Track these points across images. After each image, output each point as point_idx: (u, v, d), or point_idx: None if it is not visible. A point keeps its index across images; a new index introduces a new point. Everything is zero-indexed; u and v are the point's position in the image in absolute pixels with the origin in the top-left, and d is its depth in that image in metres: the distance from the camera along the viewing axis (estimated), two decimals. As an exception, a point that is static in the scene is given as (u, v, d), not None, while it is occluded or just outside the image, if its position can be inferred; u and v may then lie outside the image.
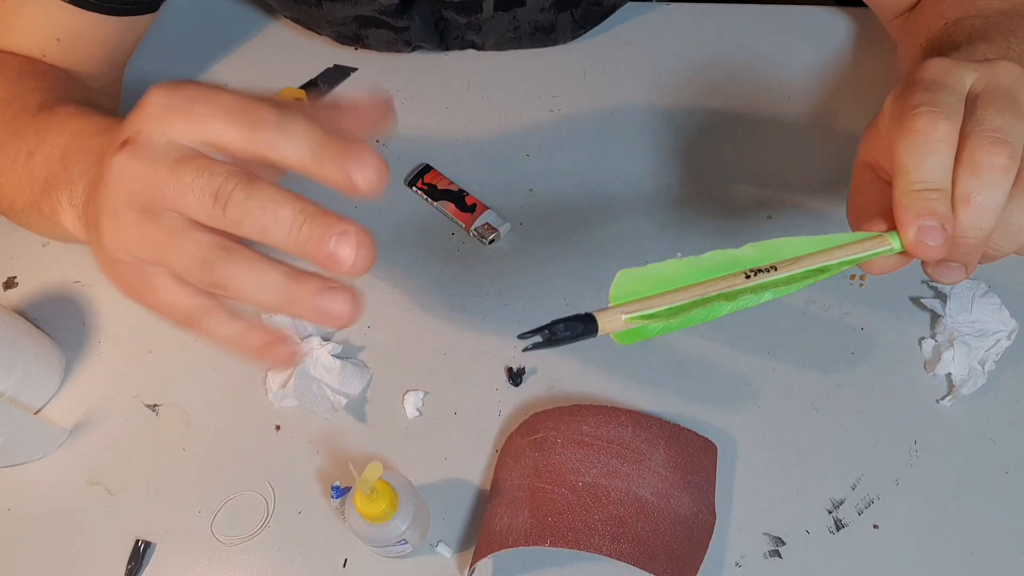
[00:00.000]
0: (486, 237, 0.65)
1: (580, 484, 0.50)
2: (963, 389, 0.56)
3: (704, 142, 0.70)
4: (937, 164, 0.35)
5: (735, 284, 0.36)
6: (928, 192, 0.35)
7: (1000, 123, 0.35)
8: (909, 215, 0.36)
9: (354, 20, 0.72)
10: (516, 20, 0.72)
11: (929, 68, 0.38)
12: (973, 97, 0.37)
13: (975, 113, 0.36)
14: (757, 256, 0.37)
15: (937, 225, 0.35)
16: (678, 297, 0.36)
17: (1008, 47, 0.51)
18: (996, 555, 0.52)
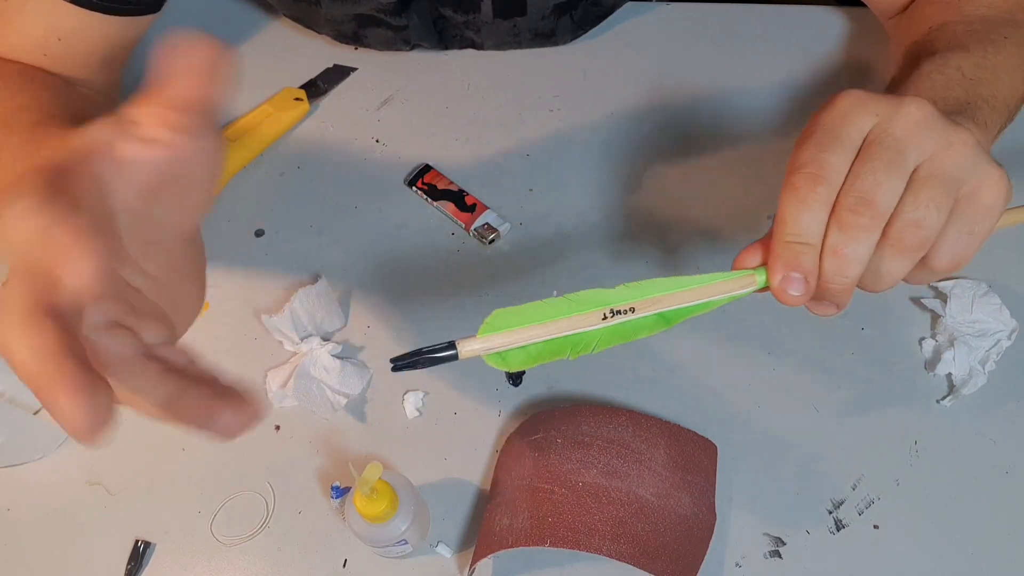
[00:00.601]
0: (486, 237, 0.65)
1: (580, 484, 0.50)
2: (963, 389, 0.56)
3: (704, 141, 0.70)
4: (809, 220, 0.38)
5: (592, 325, 0.40)
6: (798, 245, 0.38)
7: (871, 182, 0.37)
8: (778, 263, 0.39)
9: (353, 19, 0.72)
10: (516, 28, 0.72)
11: (833, 110, 0.40)
12: (865, 145, 0.39)
13: (854, 168, 0.38)
14: (624, 296, 0.40)
15: (800, 277, 0.39)
16: (532, 335, 0.39)
17: (984, 56, 0.51)
18: (996, 555, 0.52)
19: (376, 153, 0.72)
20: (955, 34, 0.55)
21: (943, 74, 0.50)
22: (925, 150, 0.38)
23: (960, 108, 0.47)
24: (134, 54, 0.70)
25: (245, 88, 0.75)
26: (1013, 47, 0.53)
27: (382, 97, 0.75)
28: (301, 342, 0.60)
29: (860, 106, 0.39)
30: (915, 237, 0.38)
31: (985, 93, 0.49)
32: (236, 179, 0.71)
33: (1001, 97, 0.50)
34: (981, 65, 0.51)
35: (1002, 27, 0.55)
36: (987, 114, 0.48)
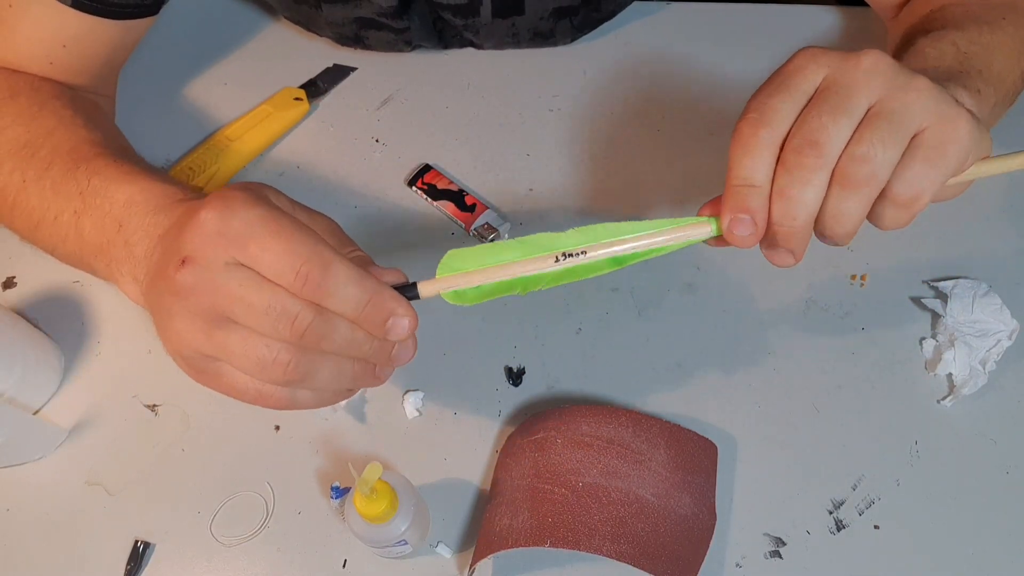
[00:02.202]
0: (486, 237, 0.65)
1: (580, 484, 0.50)
2: (964, 389, 0.56)
3: (704, 142, 0.70)
4: (752, 164, 0.39)
5: (544, 267, 0.42)
6: (744, 188, 0.39)
7: (816, 124, 0.38)
8: (726, 207, 0.40)
9: (354, 21, 0.72)
10: (515, 27, 0.72)
11: (792, 62, 0.40)
12: (816, 93, 0.39)
13: (802, 113, 0.39)
14: (576, 240, 0.42)
15: (747, 218, 0.39)
16: (487, 276, 0.42)
17: (980, 34, 0.52)
18: (996, 555, 0.52)
19: (376, 153, 0.72)
20: (952, 15, 0.55)
21: (936, 48, 0.50)
22: (876, 94, 0.38)
23: (952, 75, 0.47)
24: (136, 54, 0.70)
25: (245, 88, 0.75)
26: (1010, 27, 0.53)
27: (382, 97, 0.75)
28: (301, 342, 0.60)
29: (812, 59, 0.40)
30: (860, 172, 0.38)
31: (978, 65, 0.49)
32: (236, 179, 0.71)
33: (996, 72, 0.50)
34: (976, 41, 0.51)
35: (1000, 9, 0.55)
36: (980, 84, 0.48)
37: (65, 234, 0.51)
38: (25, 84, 0.60)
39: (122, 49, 0.66)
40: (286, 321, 0.38)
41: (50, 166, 0.53)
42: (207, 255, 0.38)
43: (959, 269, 0.61)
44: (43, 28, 0.60)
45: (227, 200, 0.38)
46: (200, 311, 0.39)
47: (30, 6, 0.59)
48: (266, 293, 0.38)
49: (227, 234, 0.38)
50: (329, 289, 0.38)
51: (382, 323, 0.40)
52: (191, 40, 0.80)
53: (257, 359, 0.39)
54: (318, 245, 0.38)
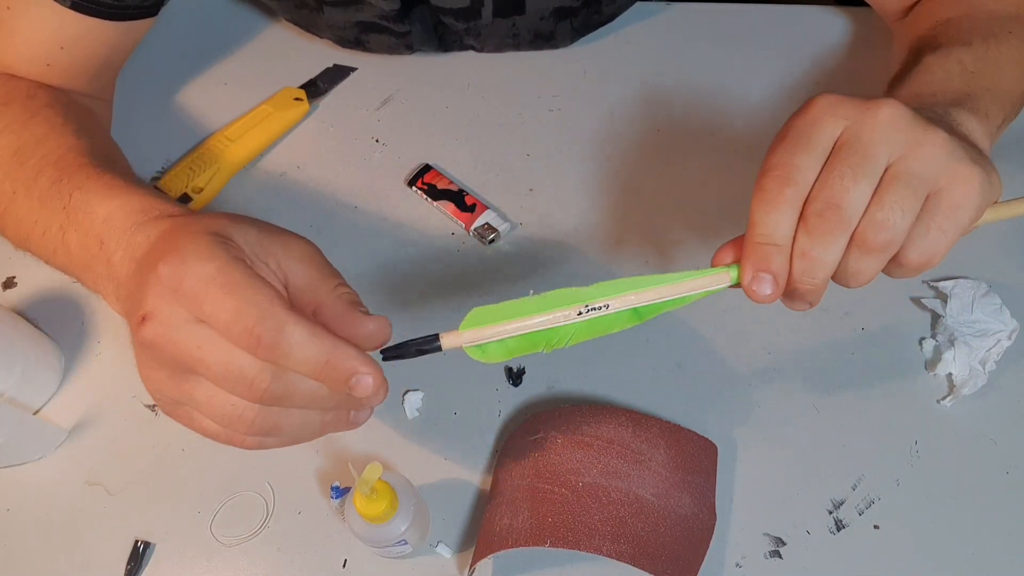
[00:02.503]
0: (486, 237, 0.65)
1: (580, 484, 0.50)
2: (964, 389, 0.56)
3: (704, 142, 0.70)
4: (777, 221, 0.40)
5: (567, 320, 0.42)
6: (767, 246, 0.40)
7: (839, 187, 0.38)
8: (749, 263, 0.41)
9: (355, 25, 0.72)
10: (515, 27, 0.72)
11: (805, 115, 0.41)
12: (835, 148, 0.40)
13: (823, 173, 0.39)
14: (598, 293, 0.42)
15: (770, 278, 0.40)
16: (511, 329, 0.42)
17: (987, 49, 0.52)
18: (996, 555, 0.52)
19: (376, 153, 0.72)
20: (959, 29, 0.55)
21: (943, 68, 0.50)
22: (894, 151, 0.39)
23: (960, 99, 0.47)
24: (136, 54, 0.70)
25: (245, 88, 0.75)
26: (1016, 41, 0.53)
27: (382, 97, 0.75)
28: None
29: (830, 110, 0.40)
30: (880, 238, 0.39)
31: (985, 84, 0.49)
32: (236, 179, 0.71)
33: (1003, 88, 0.50)
34: (983, 58, 0.51)
35: (1008, 22, 0.55)
36: (988, 103, 0.48)
37: (54, 248, 0.51)
38: (20, 91, 0.60)
39: (121, 50, 0.66)
40: (244, 383, 0.38)
41: (38, 176, 0.53)
42: (165, 312, 0.38)
43: (959, 269, 0.61)
44: (41, 30, 0.60)
45: (182, 254, 0.38)
46: (165, 363, 0.39)
47: (28, 8, 0.59)
48: (223, 354, 0.37)
49: (182, 291, 0.37)
50: (283, 351, 0.37)
51: (344, 381, 0.39)
52: (191, 40, 0.80)
53: (222, 413, 0.39)
54: (272, 303, 0.37)
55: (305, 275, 0.42)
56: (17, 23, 0.60)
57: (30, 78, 0.62)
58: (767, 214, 0.40)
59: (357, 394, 0.39)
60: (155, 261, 0.39)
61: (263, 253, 0.41)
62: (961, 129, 0.44)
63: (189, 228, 0.40)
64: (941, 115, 0.44)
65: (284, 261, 0.42)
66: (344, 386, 0.39)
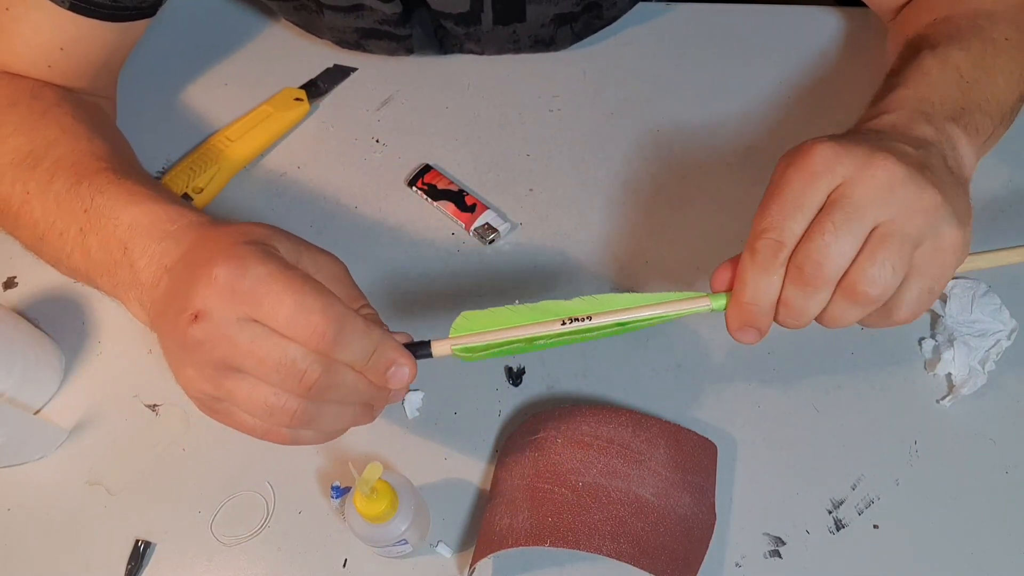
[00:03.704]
0: (486, 237, 0.65)
1: (580, 484, 0.50)
2: (963, 389, 0.56)
3: (704, 142, 0.70)
4: (768, 285, 0.42)
5: (551, 329, 0.44)
6: (756, 307, 0.42)
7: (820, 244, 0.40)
8: (735, 319, 0.43)
9: (355, 31, 0.72)
10: (516, 34, 0.72)
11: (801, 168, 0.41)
12: (827, 204, 0.41)
13: (810, 229, 0.41)
14: (582, 307, 0.44)
15: (754, 331, 0.43)
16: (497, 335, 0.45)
17: (984, 56, 0.52)
18: (996, 555, 0.52)
19: (376, 153, 0.72)
20: (958, 28, 0.55)
21: (942, 72, 0.50)
22: (885, 212, 0.40)
23: (956, 115, 0.48)
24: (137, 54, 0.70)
25: (245, 88, 0.75)
26: (1013, 50, 0.53)
27: (382, 97, 0.75)
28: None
29: (828, 167, 0.41)
30: (871, 292, 0.40)
31: (979, 98, 0.50)
32: (236, 179, 0.71)
33: (996, 101, 0.51)
34: (979, 66, 0.51)
35: (1004, 27, 0.55)
36: (979, 120, 0.49)
37: (71, 250, 0.51)
38: (25, 91, 0.60)
39: (120, 50, 0.66)
40: (296, 375, 0.40)
41: (53, 179, 0.53)
42: (219, 311, 0.39)
43: (958, 269, 0.61)
44: (41, 32, 0.60)
45: (239, 257, 0.40)
46: (210, 362, 0.40)
47: (27, 10, 0.59)
48: (278, 349, 0.39)
49: (240, 291, 0.39)
50: (343, 342, 0.40)
51: (384, 371, 0.42)
52: (192, 41, 0.80)
53: (265, 406, 0.41)
54: (331, 300, 0.40)
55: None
56: (16, 25, 0.60)
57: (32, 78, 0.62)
58: (759, 279, 0.42)
59: (392, 385, 0.43)
60: (203, 265, 0.40)
61: (299, 266, 0.43)
62: (953, 154, 0.45)
63: (233, 237, 0.42)
64: (936, 136, 0.45)
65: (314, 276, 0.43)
66: (383, 377, 0.42)
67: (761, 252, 0.41)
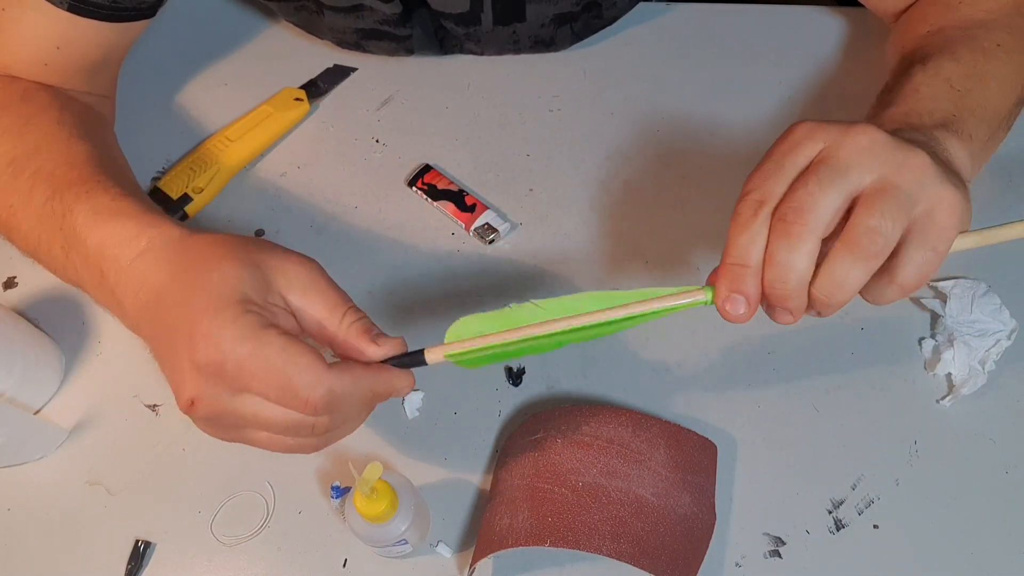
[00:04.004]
0: (486, 237, 0.65)
1: (580, 484, 0.50)
2: (963, 389, 0.56)
3: (704, 142, 0.70)
4: (748, 242, 0.40)
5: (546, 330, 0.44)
6: (738, 267, 0.41)
7: (803, 192, 0.39)
8: (721, 284, 0.42)
9: (355, 31, 0.72)
10: (516, 35, 0.72)
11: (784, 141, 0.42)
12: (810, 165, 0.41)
13: (793, 185, 0.40)
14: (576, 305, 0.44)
15: (741, 298, 0.41)
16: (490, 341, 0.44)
17: (975, 65, 0.52)
18: (996, 555, 0.52)
19: (376, 153, 0.72)
20: (949, 40, 0.55)
21: (931, 87, 0.51)
22: (872, 171, 0.39)
23: (945, 121, 0.48)
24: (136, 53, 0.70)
25: (245, 88, 0.75)
26: (1005, 55, 0.54)
27: (382, 97, 0.75)
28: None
29: (809, 135, 0.41)
30: (872, 244, 0.39)
31: (972, 104, 0.50)
32: (236, 179, 0.71)
33: (991, 107, 0.51)
34: (970, 75, 0.52)
35: (997, 34, 0.55)
36: (973, 126, 0.49)
37: (63, 266, 0.51)
38: (16, 94, 0.60)
39: (119, 50, 0.66)
40: (304, 429, 0.43)
41: (33, 190, 0.52)
42: (211, 394, 0.41)
43: (958, 269, 0.61)
44: (37, 31, 0.60)
45: (213, 339, 0.40)
46: (222, 428, 0.44)
47: (24, 10, 0.59)
48: (279, 414, 0.42)
49: (226, 376, 0.41)
50: (337, 406, 0.42)
51: (385, 396, 0.45)
52: (192, 41, 0.80)
53: (282, 446, 0.45)
54: (312, 368, 0.41)
55: (311, 313, 0.45)
56: (13, 24, 0.60)
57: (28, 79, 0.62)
58: (739, 236, 0.41)
59: (395, 396, 0.45)
60: (182, 345, 0.41)
61: (271, 295, 0.44)
62: (944, 154, 0.45)
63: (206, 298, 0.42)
64: (925, 139, 0.45)
65: (289, 296, 0.44)
66: (385, 398, 0.45)
67: (741, 211, 0.41)
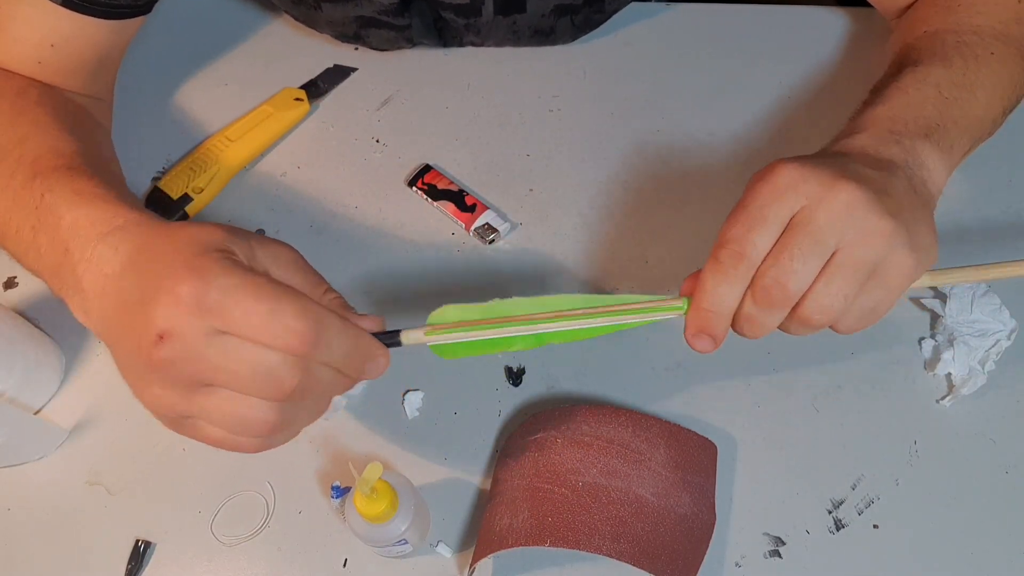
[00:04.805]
0: (486, 237, 0.65)
1: (580, 484, 0.50)
2: (963, 389, 0.56)
3: (704, 142, 0.70)
4: (726, 293, 0.43)
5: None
6: (713, 314, 0.43)
7: (787, 267, 0.41)
8: (694, 323, 0.44)
9: (354, 20, 0.72)
10: (516, 25, 0.72)
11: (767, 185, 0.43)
12: (791, 225, 0.42)
13: (776, 249, 0.42)
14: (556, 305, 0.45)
15: (710, 338, 0.44)
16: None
17: (965, 72, 0.53)
18: (996, 555, 0.52)
19: (376, 153, 0.72)
20: (943, 44, 0.55)
21: (919, 91, 0.51)
22: (844, 237, 0.41)
23: (929, 131, 0.48)
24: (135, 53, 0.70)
25: (245, 88, 0.75)
26: (997, 64, 0.54)
27: (382, 97, 0.75)
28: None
29: (792, 187, 0.42)
30: (821, 318, 0.42)
31: (957, 114, 0.51)
32: (236, 179, 0.71)
33: (974, 116, 0.52)
34: (959, 83, 0.52)
35: (991, 42, 0.55)
36: (956, 136, 0.50)
37: (26, 248, 0.50)
38: (11, 88, 0.59)
39: (114, 48, 0.65)
40: (274, 383, 0.39)
41: (14, 175, 0.51)
42: (187, 328, 0.38)
43: (958, 269, 0.61)
44: (32, 28, 0.60)
45: (201, 269, 0.38)
46: (180, 380, 0.39)
47: (19, 6, 0.59)
48: (253, 358, 0.38)
49: (207, 305, 0.37)
50: (322, 343, 0.39)
51: (362, 365, 0.42)
52: (192, 40, 0.80)
53: (240, 419, 0.40)
54: (305, 301, 0.39)
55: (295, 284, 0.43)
56: (8, 21, 0.60)
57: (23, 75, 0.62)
58: (718, 286, 0.43)
59: (367, 377, 0.43)
60: (162, 280, 0.38)
61: (255, 263, 0.42)
62: (921, 172, 0.46)
63: (189, 247, 0.39)
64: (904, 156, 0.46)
65: (272, 269, 0.43)
66: (359, 371, 0.42)
67: (723, 262, 0.42)
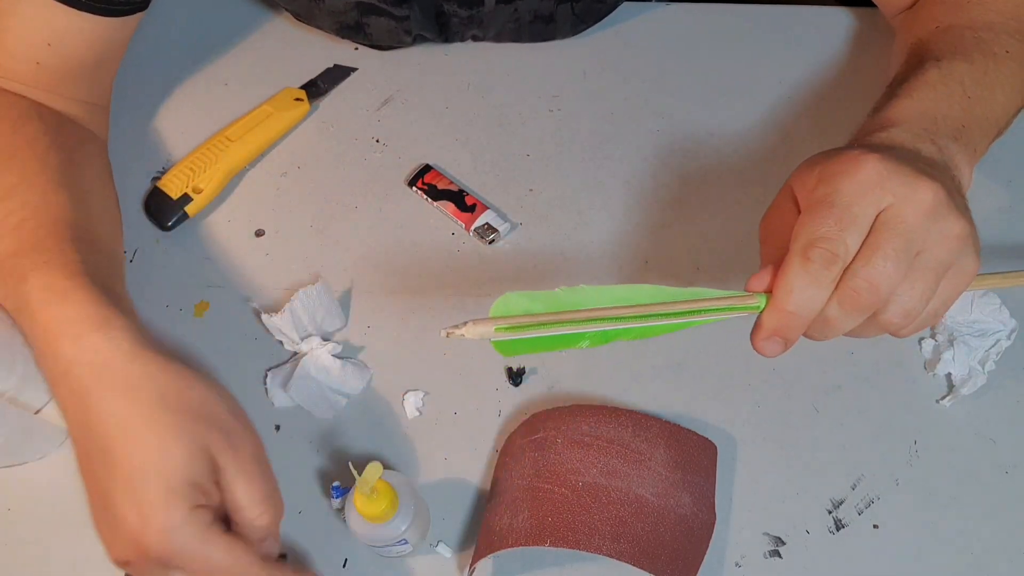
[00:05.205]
0: (486, 237, 0.65)
1: (580, 484, 0.50)
2: (963, 389, 0.56)
3: (704, 142, 0.70)
4: (814, 296, 0.40)
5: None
6: (797, 317, 0.41)
7: (880, 271, 0.40)
8: (769, 326, 0.42)
9: (355, 8, 0.71)
10: (517, 12, 0.72)
11: (854, 182, 0.41)
12: (879, 225, 0.40)
13: (865, 250, 0.40)
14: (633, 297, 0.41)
15: (781, 341, 0.42)
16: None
17: (985, 71, 0.53)
18: (996, 555, 0.52)
19: (376, 153, 0.72)
20: (961, 39, 0.55)
21: (946, 86, 0.51)
22: (929, 238, 0.40)
23: (957, 133, 0.48)
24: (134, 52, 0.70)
25: (245, 88, 0.75)
26: (1013, 63, 0.54)
27: (382, 97, 0.75)
28: (301, 342, 0.60)
29: (879, 184, 0.40)
30: (902, 321, 0.41)
31: (980, 114, 0.51)
32: (236, 179, 0.71)
33: (993, 117, 0.52)
34: (981, 81, 0.52)
35: (1005, 39, 0.55)
36: (978, 138, 0.50)
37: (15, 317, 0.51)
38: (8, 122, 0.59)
39: (113, 47, 0.65)
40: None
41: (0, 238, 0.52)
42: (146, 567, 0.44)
43: (958, 269, 0.61)
44: (29, 26, 0.59)
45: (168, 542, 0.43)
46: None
47: (18, 5, 0.59)
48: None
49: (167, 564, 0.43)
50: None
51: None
52: (191, 40, 0.80)
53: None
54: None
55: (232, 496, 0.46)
56: (7, 20, 0.60)
57: (21, 79, 0.62)
58: (807, 287, 0.40)
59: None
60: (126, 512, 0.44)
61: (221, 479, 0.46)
62: (958, 178, 0.46)
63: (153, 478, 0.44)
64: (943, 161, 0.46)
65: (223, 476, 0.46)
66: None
67: (815, 262, 0.40)
